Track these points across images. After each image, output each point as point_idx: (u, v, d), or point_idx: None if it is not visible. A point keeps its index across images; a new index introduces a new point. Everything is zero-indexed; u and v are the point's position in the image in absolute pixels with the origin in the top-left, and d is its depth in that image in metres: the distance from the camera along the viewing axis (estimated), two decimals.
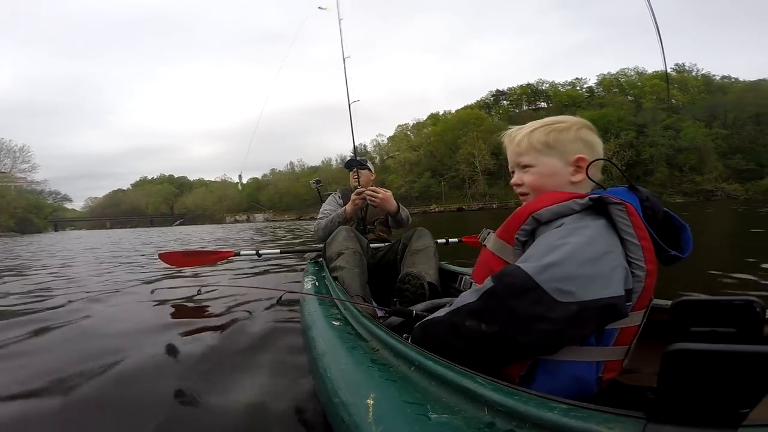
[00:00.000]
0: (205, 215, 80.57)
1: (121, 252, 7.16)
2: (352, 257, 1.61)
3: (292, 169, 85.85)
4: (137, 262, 5.03)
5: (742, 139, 40.43)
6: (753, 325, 0.53)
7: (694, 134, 39.77)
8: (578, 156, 0.77)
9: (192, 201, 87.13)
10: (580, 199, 0.67)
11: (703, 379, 0.35)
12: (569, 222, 0.65)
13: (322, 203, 2.41)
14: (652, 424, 0.37)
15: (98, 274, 4.03)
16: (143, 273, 3.91)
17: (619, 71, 56.11)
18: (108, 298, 2.60)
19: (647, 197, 0.72)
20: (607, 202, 0.65)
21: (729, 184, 37.26)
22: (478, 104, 62.60)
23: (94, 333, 1.77)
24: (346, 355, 0.76)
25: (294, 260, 4.15)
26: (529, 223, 0.69)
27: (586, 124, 0.81)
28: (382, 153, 70.29)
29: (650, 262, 0.65)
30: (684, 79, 49.78)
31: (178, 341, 1.58)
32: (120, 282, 3.32)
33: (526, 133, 0.83)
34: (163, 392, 1.11)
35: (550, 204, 0.68)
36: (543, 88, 60.12)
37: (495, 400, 0.48)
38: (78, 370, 1.28)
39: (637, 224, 0.65)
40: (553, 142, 0.79)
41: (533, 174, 0.81)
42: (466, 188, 48.47)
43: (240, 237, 11.63)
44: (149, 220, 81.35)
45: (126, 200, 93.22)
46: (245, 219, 72.73)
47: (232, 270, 3.69)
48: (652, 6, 1.83)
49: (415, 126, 63.74)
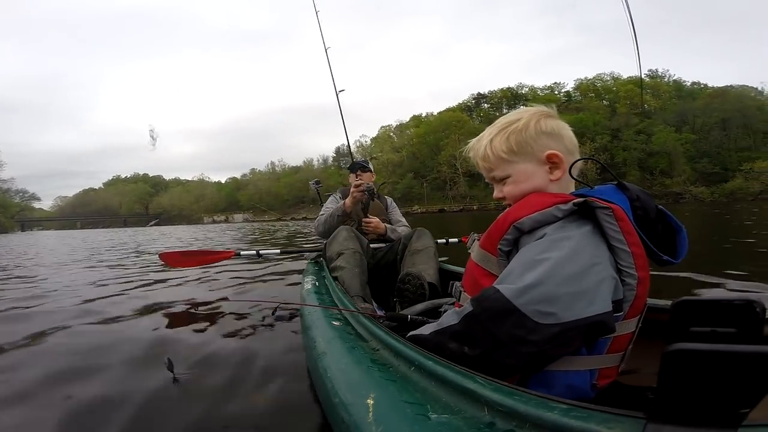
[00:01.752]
0: (182, 215, 78.60)
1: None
2: (352, 257, 1.61)
3: (273, 169, 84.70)
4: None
5: (709, 144, 42.42)
6: (753, 325, 0.52)
7: (665, 139, 41.50)
8: (548, 152, 0.72)
9: (168, 201, 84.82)
10: (563, 205, 0.63)
11: (703, 379, 0.35)
12: (552, 232, 0.62)
13: (322, 203, 2.41)
14: (652, 424, 0.37)
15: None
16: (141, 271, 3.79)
17: (596, 76, 57.90)
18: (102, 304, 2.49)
19: (638, 196, 0.67)
20: (593, 206, 0.61)
21: (696, 187, 39.06)
22: (459, 107, 63.35)
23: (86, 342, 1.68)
24: (346, 355, 0.76)
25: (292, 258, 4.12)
26: (511, 233, 0.66)
27: (543, 113, 0.76)
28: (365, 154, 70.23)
29: (642, 269, 0.61)
30: (657, 84, 51.74)
31: (176, 342, 1.56)
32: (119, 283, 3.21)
33: (487, 144, 0.78)
34: (162, 393, 1.11)
35: (532, 211, 0.64)
36: (523, 92, 61.23)
37: (495, 400, 0.48)
38: (76, 373, 1.26)
39: (626, 229, 0.61)
40: (517, 146, 0.74)
41: (511, 184, 0.76)
42: (448, 190, 48.97)
43: (211, 238, 11.25)
44: (123, 220, 78.89)
45: (98, 199, 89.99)
46: (224, 219, 71.32)
47: (231, 270, 3.64)
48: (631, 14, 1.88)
49: (398, 127, 64.04)
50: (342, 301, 1.15)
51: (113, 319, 2.00)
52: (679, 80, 54.93)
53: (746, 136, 41.91)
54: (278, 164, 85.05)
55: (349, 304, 1.06)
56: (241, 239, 9.90)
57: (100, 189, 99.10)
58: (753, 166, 36.85)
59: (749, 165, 37.27)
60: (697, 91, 50.95)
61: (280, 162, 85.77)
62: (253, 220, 63.25)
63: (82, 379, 1.22)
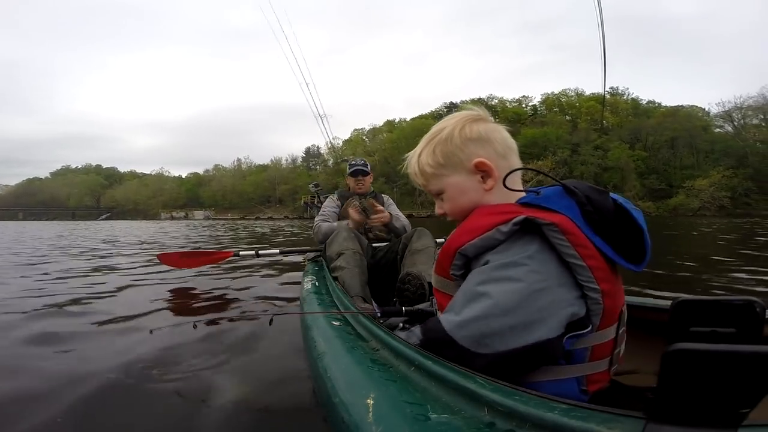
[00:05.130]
0: (137, 210, 74.43)
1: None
2: (352, 257, 1.62)
3: (239, 166, 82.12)
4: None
5: (658, 161, 45.76)
6: (753, 325, 0.53)
7: (620, 155, 44.28)
8: (476, 161, 0.68)
9: (123, 194, 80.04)
10: (503, 226, 0.58)
11: (703, 379, 0.35)
12: (494, 258, 0.59)
13: (321, 204, 2.44)
14: (652, 424, 0.38)
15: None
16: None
17: (561, 92, 60.82)
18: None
19: (588, 197, 0.59)
20: (537, 223, 0.57)
21: (644, 202, 41.78)
22: (432, 114, 64.38)
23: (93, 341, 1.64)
24: (346, 355, 0.75)
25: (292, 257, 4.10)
26: (458, 259, 0.63)
27: (469, 118, 0.71)
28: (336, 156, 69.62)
29: (604, 281, 0.57)
30: (616, 101, 54.90)
31: (175, 342, 1.54)
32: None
33: (416, 161, 0.75)
34: (162, 394, 1.10)
35: (473, 237, 0.61)
36: (492, 104, 63.18)
37: (495, 400, 0.48)
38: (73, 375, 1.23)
39: (577, 242, 0.56)
40: (444, 158, 0.70)
41: (447, 200, 0.73)
42: (417, 196, 49.49)
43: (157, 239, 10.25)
44: (71, 213, 73.58)
45: (44, 190, 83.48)
46: (183, 216, 68.26)
47: (231, 269, 3.59)
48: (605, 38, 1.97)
49: (371, 131, 64.06)
50: (342, 301, 1.15)
51: (111, 320, 1.94)
52: (637, 98, 58.55)
53: (690, 155, 45.54)
54: (245, 161, 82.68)
55: (349, 304, 1.06)
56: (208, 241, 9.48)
57: (47, 179, 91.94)
58: (694, 183, 40.16)
59: (691, 182, 40.56)
60: (652, 110, 54.57)
61: (246, 159, 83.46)
62: (215, 218, 61.02)
63: (82, 382, 1.18)
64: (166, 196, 77.31)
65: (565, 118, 55.35)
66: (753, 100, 47.31)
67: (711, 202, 38.08)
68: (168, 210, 72.62)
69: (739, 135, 46.33)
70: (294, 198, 63.13)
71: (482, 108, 0.74)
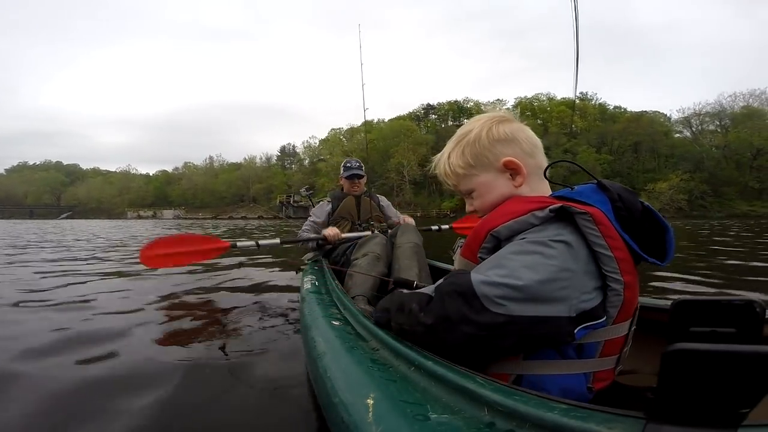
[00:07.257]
0: (101, 209, 71.05)
1: None
2: (374, 259, 1.65)
3: (211, 164, 79.83)
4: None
5: (622, 165, 47.82)
6: (753, 325, 0.53)
7: (587, 159, 45.93)
8: (504, 160, 0.71)
9: (85, 192, 76.25)
10: (539, 211, 0.61)
11: (703, 379, 0.35)
12: (529, 237, 0.61)
13: (306, 206, 2.46)
14: (652, 424, 0.38)
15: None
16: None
17: (533, 96, 62.64)
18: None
19: (619, 195, 0.64)
20: (571, 211, 0.59)
21: None
22: (410, 116, 64.85)
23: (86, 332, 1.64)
24: (346, 355, 0.74)
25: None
26: (488, 241, 0.65)
27: (496, 119, 0.74)
28: (312, 155, 68.88)
29: (627, 273, 0.59)
30: (585, 106, 56.95)
31: (175, 342, 1.53)
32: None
33: (446, 162, 0.78)
34: (162, 394, 1.08)
35: (507, 219, 0.63)
36: (468, 106, 64.33)
37: (495, 400, 0.47)
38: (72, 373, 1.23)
39: (607, 233, 0.59)
40: (473, 159, 0.73)
41: (477, 198, 0.76)
42: (395, 196, 49.70)
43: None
44: (28, 211, 69.37)
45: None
46: (151, 215, 65.67)
47: (229, 268, 3.51)
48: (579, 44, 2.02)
49: (348, 131, 63.67)
50: (342, 301, 1.14)
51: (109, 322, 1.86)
52: (604, 104, 60.99)
53: (652, 159, 47.93)
54: (216, 159, 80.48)
55: (349, 304, 1.05)
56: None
57: (1, 176, 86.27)
58: (655, 186, 42.22)
59: (652, 185, 42.64)
60: (618, 115, 56.78)
61: (218, 157, 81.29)
62: (185, 217, 59.02)
63: (81, 384, 1.16)
64: (133, 194, 74.27)
65: (537, 121, 57.01)
66: (710, 106, 50.60)
67: (670, 204, 39.99)
68: (135, 209, 69.70)
69: (697, 140, 49.30)
70: (269, 197, 62.02)
71: (507, 109, 0.77)
